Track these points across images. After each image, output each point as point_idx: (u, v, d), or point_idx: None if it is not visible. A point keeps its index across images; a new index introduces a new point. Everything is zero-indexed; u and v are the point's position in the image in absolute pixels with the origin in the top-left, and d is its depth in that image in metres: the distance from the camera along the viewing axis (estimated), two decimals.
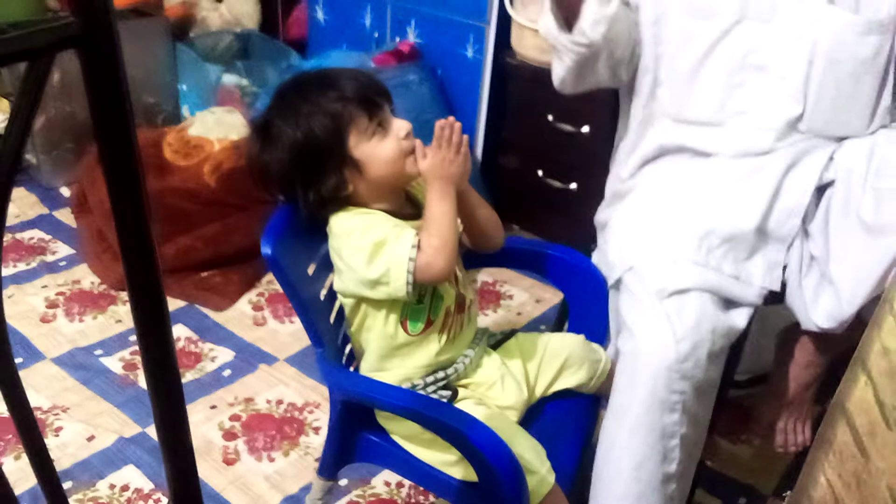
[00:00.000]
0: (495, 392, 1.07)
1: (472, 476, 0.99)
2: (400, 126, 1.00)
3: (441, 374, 1.05)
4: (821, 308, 1.11)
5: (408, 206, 1.06)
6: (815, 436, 0.52)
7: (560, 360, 1.14)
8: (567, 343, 1.16)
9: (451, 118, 0.99)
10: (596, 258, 1.31)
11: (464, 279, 1.08)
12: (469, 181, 1.03)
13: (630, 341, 1.05)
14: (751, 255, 1.13)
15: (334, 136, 0.97)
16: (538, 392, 1.14)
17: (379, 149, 0.98)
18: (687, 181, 1.17)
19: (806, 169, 1.14)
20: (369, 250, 0.95)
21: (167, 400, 0.65)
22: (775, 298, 1.15)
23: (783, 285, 1.15)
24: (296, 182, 0.99)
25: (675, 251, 1.09)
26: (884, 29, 1.09)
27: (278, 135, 0.99)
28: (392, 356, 1.04)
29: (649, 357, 1.01)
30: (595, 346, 1.18)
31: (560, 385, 1.14)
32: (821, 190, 1.14)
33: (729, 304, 1.09)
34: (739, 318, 1.09)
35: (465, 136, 0.99)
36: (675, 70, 1.17)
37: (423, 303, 1.01)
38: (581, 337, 1.18)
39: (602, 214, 1.30)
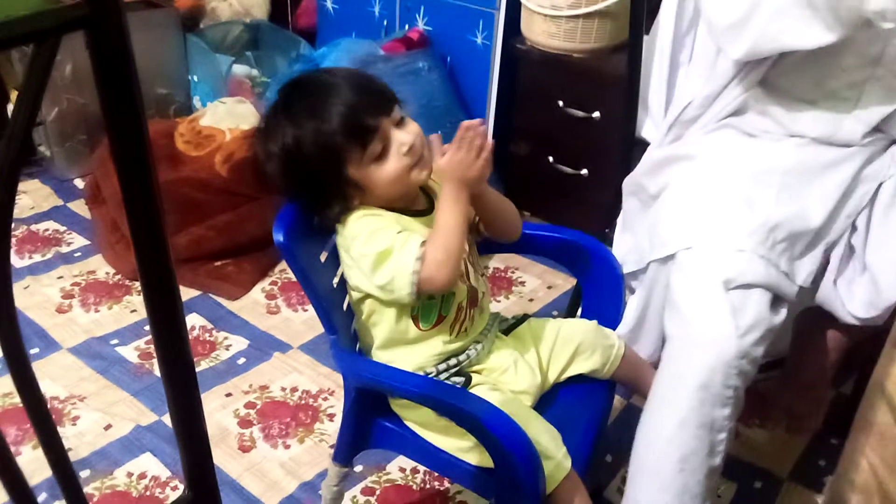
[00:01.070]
0: (508, 377, 1.07)
1: (487, 462, 0.98)
2: (401, 142, 0.96)
3: (453, 361, 1.04)
4: (857, 299, 1.09)
5: (421, 200, 1.05)
6: (855, 418, 0.51)
7: (573, 346, 1.13)
8: (579, 329, 1.15)
9: (478, 121, 0.95)
10: (623, 224, 1.26)
11: (476, 272, 1.07)
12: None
13: (683, 327, 1.01)
14: (803, 253, 1.10)
15: (328, 164, 0.95)
16: (551, 377, 1.13)
17: (378, 172, 0.96)
18: (761, 164, 1.12)
19: (874, 168, 1.12)
20: (374, 258, 0.95)
21: (181, 389, 0.66)
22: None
23: (815, 282, 1.13)
24: (299, 194, 1.00)
25: (742, 240, 1.03)
26: None
27: (273, 153, 0.97)
28: (403, 347, 1.04)
29: (707, 349, 0.97)
30: (608, 331, 1.17)
31: (573, 370, 1.14)
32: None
33: (776, 300, 1.05)
34: (783, 314, 1.05)
35: (490, 142, 0.96)
36: None
37: (434, 299, 1.00)
38: (593, 323, 1.17)
39: (647, 179, 1.23)
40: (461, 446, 1.01)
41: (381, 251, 0.94)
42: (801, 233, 1.08)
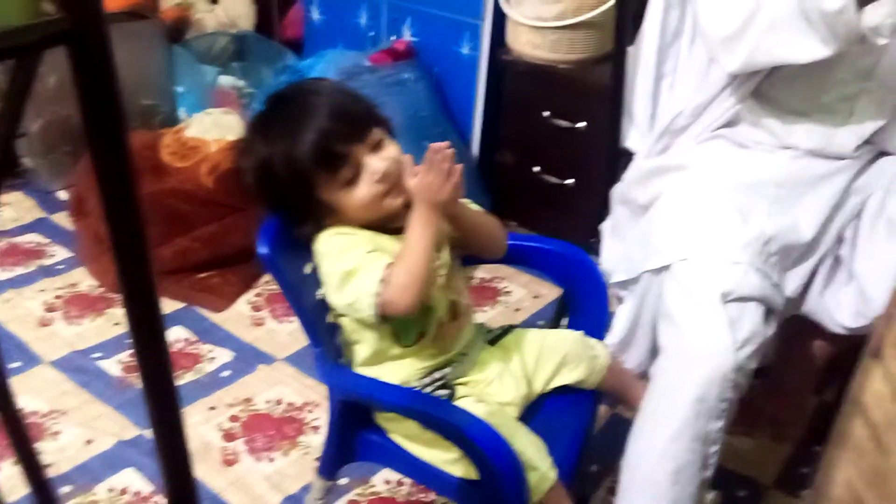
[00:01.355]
0: (494, 388, 1.06)
1: (472, 474, 0.98)
2: (374, 170, 0.95)
3: (438, 375, 1.04)
4: (846, 309, 1.09)
5: (403, 216, 1.01)
6: (831, 432, 0.52)
7: (558, 357, 1.13)
8: (565, 339, 1.16)
9: (446, 143, 0.94)
10: (611, 233, 1.26)
11: (458, 284, 1.07)
12: (466, 179, 1.00)
13: (679, 339, 1.01)
14: (793, 265, 1.10)
15: (297, 186, 0.95)
16: (537, 388, 1.13)
17: (349, 197, 0.96)
18: (754, 175, 1.12)
19: (864, 183, 1.13)
20: (340, 277, 0.95)
21: (162, 403, 0.65)
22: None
23: (802, 293, 1.13)
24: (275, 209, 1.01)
25: (738, 252, 1.03)
26: None
27: (248, 167, 0.98)
28: (386, 363, 1.03)
29: (704, 361, 0.97)
30: (593, 341, 1.17)
31: (559, 381, 1.14)
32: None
33: (768, 312, 1.05)
34: (773, 326, 1.06)
35: (459, 165, 0.95)
36: None
37: (411, 317, 0.99)
38: (579, 333, 1.17)
39: (636, 190, 1.23)
40: (446, 458, 1.01)
41: (346, 270, 0.94)
42: (793, 245, 1.08)
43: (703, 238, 1.06)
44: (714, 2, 1.05)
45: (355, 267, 0.94)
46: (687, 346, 0.99)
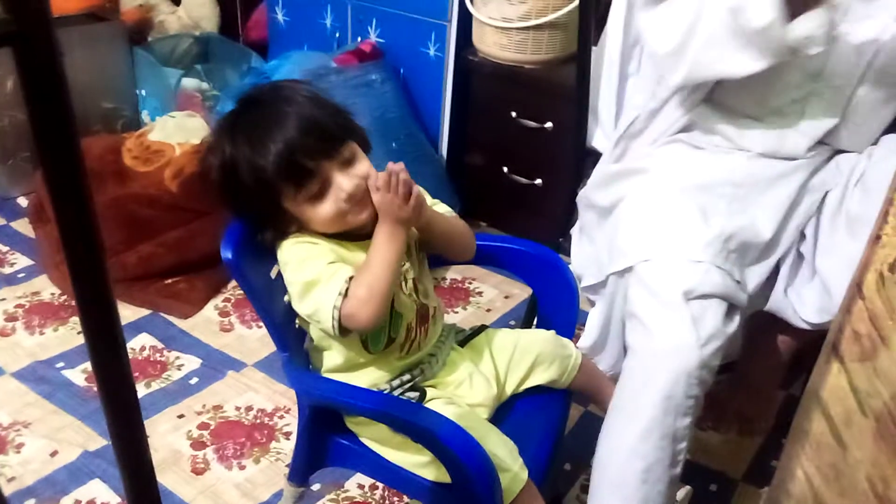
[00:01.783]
0: (464, 390, 1.06)
1: (444, 477, 0.98)
2: (340, 188, 0.93)
3: (407, 377, 1.03)
4: (809, 305, 1.11)
5: (366, 224, 0.99)
6: (791, 428, 0.52)
7: (531, 357, 1.13)
8: (537, 339, 1.15)
9: (399, 166, 0.92)
10: (580, 238, 1.27)
11: (426, 288, 1.06)
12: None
13: (645, 338, 1.02)
14: (754, 263, 1.12)
15: (261, 193, 0.93)
16: (509, 389, 1.13)
17: (313, 211, 0.94)
18: (711, 175, 1.14)
19: (819, 179, 1.14)
20: (301, 287, 0.94)
21: (122, 413, 0.63)
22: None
23: (765, 289, 1.15)
24: (238, 213, 0.99)
25: (699, 251, 1.05)
26: None
27: (214, 166, 0.96)
28: (355, 368, 1.02)
29: (670, 359, 0.98)
30: (565, 341, 1.17)
31: (531, 382, 1.14)
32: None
33: (730, 308, 1.07)
34: (736, 322, 1.07)
35: (417, 188, 0.94)
36: None
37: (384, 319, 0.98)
38: (551, 333, 1.17)
39: (599, 194, 1.24)
40: (417, 461, 1.00)
41: (307, 281, 0.93)
42: (752, 243, 1.10)
43: (665, 238, 1.07)
44: (655, 20, 1.08)
45: (316, 278, 0.92)
46: (652, 344, 1.00)
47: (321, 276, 0.92)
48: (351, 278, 0.92)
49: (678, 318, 1.00)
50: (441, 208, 1.08)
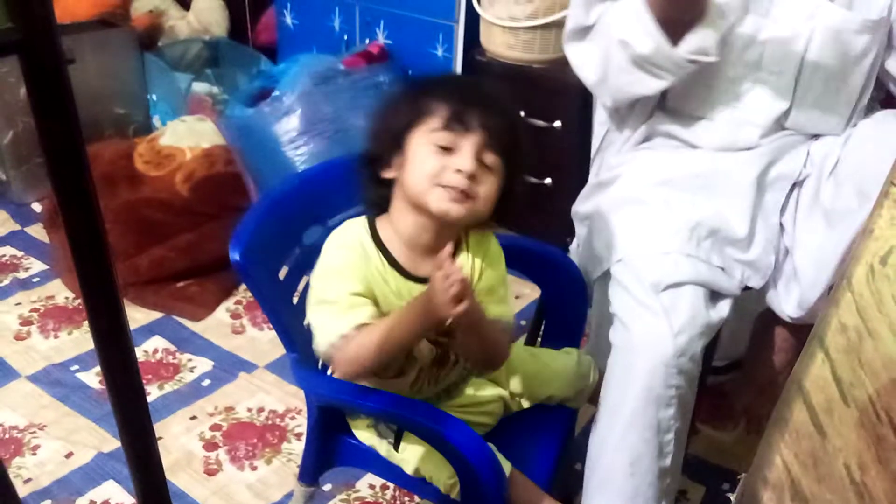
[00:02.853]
0: (469, 415, 1.05)
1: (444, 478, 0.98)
2: (458, 161, 0.87)
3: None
4: (791, 298, 1.12)
5: (429, 263, 0.92)
6: (771, 416, 0.53)
7: (549, 389, 1.12)
8: (560, 369, 1.13)
9: (459, 273, 0.81)
10: (577, 251, 1.30)
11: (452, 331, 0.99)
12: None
13: (624, 335, 1.03)
14: (735, 251, 1.12)
15: (413, 112, 0.90)
16: (517, 408, 1.12)
17: (421, 155, 0.89)
18: (673, 171, 1.16)
19: (785, 166, 1.15)
20: (317, 297, 0.92)
21: (131, 414, 0.64)
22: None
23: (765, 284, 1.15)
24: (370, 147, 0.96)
25: (666, 243, 1.07)
26: (875, 28, 1.09)
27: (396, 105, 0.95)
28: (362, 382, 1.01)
29: (645, 352, 1.00)
30: (585, 361, 1.15)
31: (544, 401, 1.13)
32: (797, 185, 1.15)
33: (714, 295, 1.08)
34: (723, 309, 1.08)
35: (471, 300, 0.83)
36: None
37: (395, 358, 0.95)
38: (574, 358, 1.15)
39: (583, 206, 1.28)
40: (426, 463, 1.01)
41: (324, 299, 0.91)
42: (723, 230, 1.10)
43: (635, 236, 1.10)
44: (581, 55, 1.18)
45: (333, 300, 0.90)
46: (630, 339, 1.02)
47: (339, 303, 0.89)
48: (358, 327, 0.88)
49: (649, 310, 1.01)
50: (497, 310, 0.97)
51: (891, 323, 0.50)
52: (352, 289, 0.90)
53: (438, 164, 0.88)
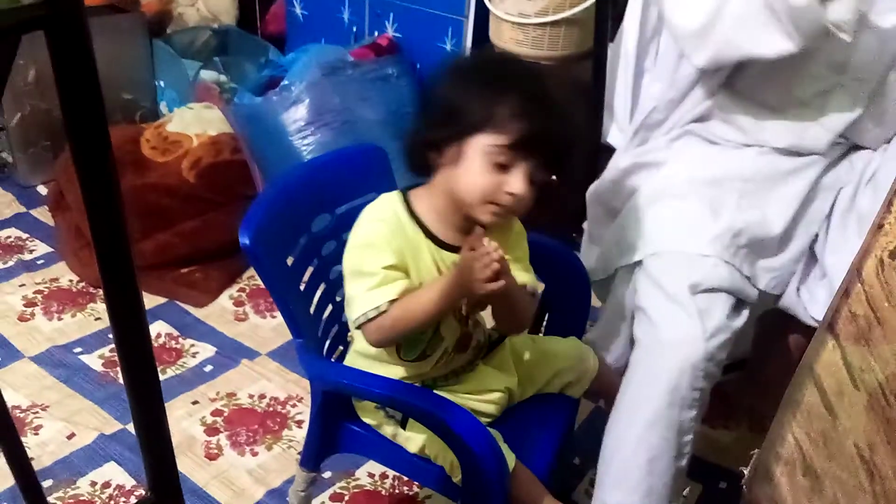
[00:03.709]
0: (474, 402, 1.06)
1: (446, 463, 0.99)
2: (513, 183, 0.88)
3: (420, 383, 1.05)
4: (819, 303, 1.11)
5: (462, 234, 0.95)
6: (784, 398, 0.54)
7: (551, 373, 1.13)
8: (560, 354, 1.15)
9: (498, 252, 0.85)
10: (591, 242, 1.27)
11: (478, 318, 1.05)
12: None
13: (651, 331, 1.02)
14: (766, 259, 1.12)
15: (482, 114, 0.88)
16: (521, 397, 1.13)
17: (478, 173, 0.89)
18: (724, 170, 1.13)
19: (835, 174, 1.14)
20: (351, 270, 0.94)
21: (144, 394, 0.65)
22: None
23: (778, 287, 1.15)
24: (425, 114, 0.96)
25: (708, 245, 1.05)
26: None
27: (455, 84, 0.92)
28: (381, 360, 1.03)
29: (676, 352, 0.99)
30: (584, 352, 1.16)
31: (546, 391, 1.14)
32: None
33: (738, 303, 1.07)
34: (744, 317, 1.07)
35: (507, 277, 0.88)
36: None
37: (424, 334, 0.99)
38: (574, 344, 1.17)
39: (609, 192, 1.24)
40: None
41: (360, 270, 0.93)
42: (762, 239, 1.10)
43: (674, 232, 1.08)
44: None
45: (369, 272, 0.92)
46: (658, 337, 1.01)
47: (375, 276, 0.92)
48: (391, 302, 0.91)
49: (684, 311, 1.00)
50: (525, 278, 1.01)
51: None
52: (386, 262, 0.92)
53: (493, 183, 0.89)
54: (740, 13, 1.00)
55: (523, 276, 1.01)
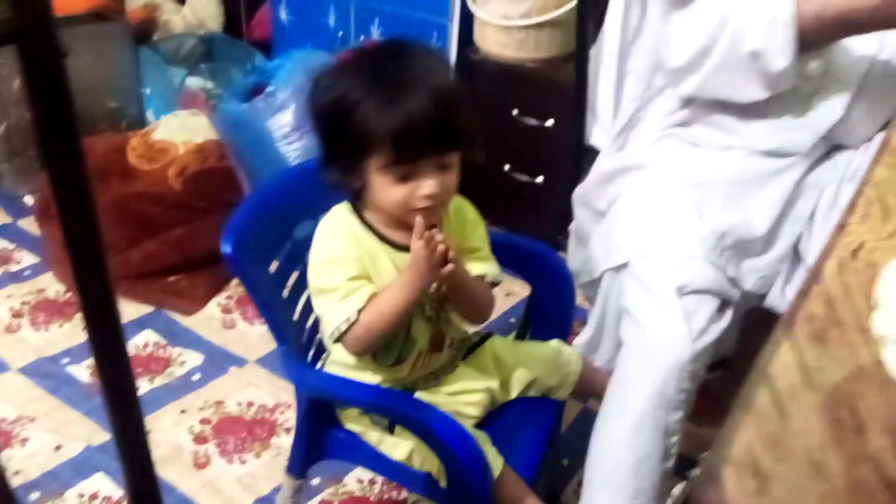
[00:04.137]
0: (456, 403, 1.06)
1: (430, 467, 0.99)
2: (423, 192, 0.90)
3: (400, 387, 1.05)
4: None
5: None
6: (736, 399, 0.54)
7: (532, 375, 1.14)
8: (541, 356, 1.15)
9: (440, 236, 0.89)
10: (578, 244, 1.28)
11: (450, 315, 1.05)
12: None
13: (637, 333, 1.03)
14: (750, 260, 1.12)
15: (357, 149, 0.90)
16: (504, 399, 1.13)
17: (386, 189, 0.91)
18: (709, 172, 1.14)
19: (818, 174, 1.14)
20: (316, 288, 0.96)
21: (121, 406, 0.65)
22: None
23: (764, 287, 1.15)
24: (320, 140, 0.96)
25: (694, 247, 1.05)
26: None
27: (324, 100, 0.93)
28: (359, 368, 1.03)
29: (663, 354, 0.99)
30: (567, 355, 1.17)
31: (528, 394, 1.14)
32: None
33: (723, 304, 1.07)
34: (728, 318, 1.08)
35: (456, 262, 0.91)
36: None
37: (397, 338, 1.00)
38: (556, 346, 1.17)
39: (595, 195, 1.24)
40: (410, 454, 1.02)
41: (323, 288, 0.94)
42: (747, 240, 1.10)
43: (660, 234, 1.08)
44: (673, 35, 1.10)
45: (333, 287, 0.93)
46: (645, 339, 1.01)
47: (339, 290, 0.93)
48: (360, 311, 0.92)
49: (671, 313, 1.00)
50: (483, 267, 1.04)
51: (857, 313, 0.52)
52: (348, 274, 0.94)
53: (405, 194, 0.91)
54: (723, 62, 1.05)
55: (481, 265, 1.03)
